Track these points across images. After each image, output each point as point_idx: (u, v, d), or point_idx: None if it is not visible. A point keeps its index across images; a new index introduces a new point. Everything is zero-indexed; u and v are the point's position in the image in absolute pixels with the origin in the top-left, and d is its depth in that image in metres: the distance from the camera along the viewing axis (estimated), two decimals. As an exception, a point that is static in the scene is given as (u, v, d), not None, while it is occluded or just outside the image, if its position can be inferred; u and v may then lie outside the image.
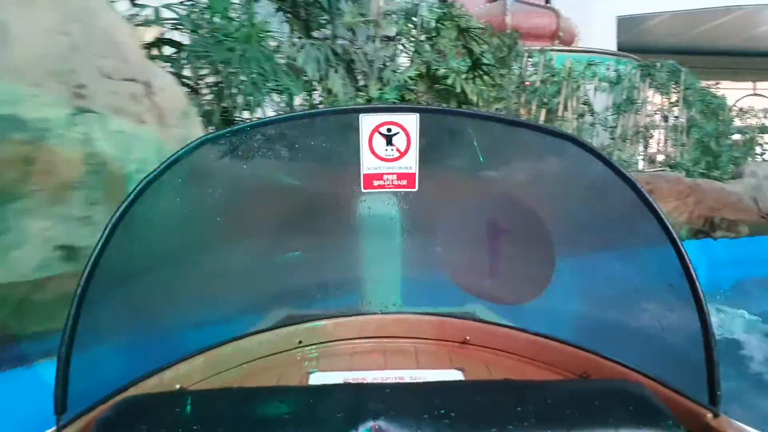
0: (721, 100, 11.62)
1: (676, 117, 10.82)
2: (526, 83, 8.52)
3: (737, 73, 18.60)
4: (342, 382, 1.18)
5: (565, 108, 8.97)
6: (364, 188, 1.33)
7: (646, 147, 10.52)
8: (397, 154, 1.30)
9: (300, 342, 1.38)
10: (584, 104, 9.48)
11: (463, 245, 1.42)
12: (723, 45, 17.29)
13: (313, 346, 1.39)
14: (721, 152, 10.55)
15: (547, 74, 8.94)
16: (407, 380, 1.21)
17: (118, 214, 1.00)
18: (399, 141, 1.28)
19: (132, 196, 1.02)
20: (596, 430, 0.79)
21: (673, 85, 10.68)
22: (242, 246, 1.35)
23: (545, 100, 8.83)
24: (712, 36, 16.37)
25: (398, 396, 0.88)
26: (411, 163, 1.31)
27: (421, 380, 1.20)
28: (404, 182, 1.33)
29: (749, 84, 19.77)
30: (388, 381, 1.20)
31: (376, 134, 1.28)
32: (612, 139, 9.89)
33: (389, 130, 1.27)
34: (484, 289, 1.41)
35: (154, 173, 1.06)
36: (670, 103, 10.91)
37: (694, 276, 0.96)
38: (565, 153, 1.19)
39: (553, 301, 1.33)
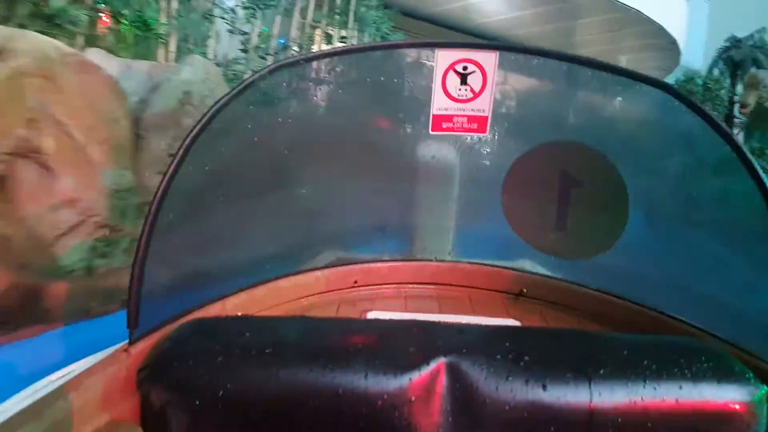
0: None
1: (343, 38, 7.01)
2: None
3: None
4: None
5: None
6: (432, 130, 1.28)
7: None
8: (470, 95, 1.24)
9: (356, 282, 1.37)
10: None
11: (531, 196, 1.38)
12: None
13: (368, 287, 1.39)
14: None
15: None
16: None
17: (190, 137, 0.97)
18: (474, 81, 1.22)
19: (205, 119, 0.99)
20: (674, 383, 0.77)
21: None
22: (307, 181, 1.33)
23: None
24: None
25: (468, 336, 0.87)
26: (485, 105, 1.25)
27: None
28: (475, 125, 1.27)
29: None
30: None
31: (451, 72, 1.22)
32: (244, 51, 6.11)
33: (465, 68, 1.21)
34: (547, 242, 1.37)
35: (228, 97, 1.02)
36: (335, 12, 7.26)
37: None
38: (655, 102, 1.12)
39: (618, 257, 1.29)
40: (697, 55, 16.09)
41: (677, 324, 1.11)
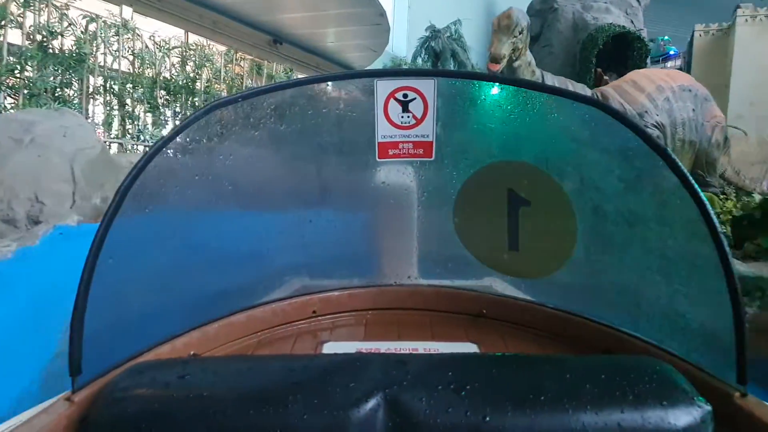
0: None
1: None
2: None
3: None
4: (355, 352, 1.17)
5: None
6: (379, 157, 1.30)
7: None
8: (413, 122, 1.26)
9: (314, 312, 1.37)
10: None
11: (482, 216, 1.38)
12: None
13: (327, 317, 1.39)
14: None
15: None
16: (421, 352, 1.20)
17: (129, 178, 0.98)
18: (415, 107, 1.24)
19: (144, 160, 1.00)
20: (617, 407, 0.76)
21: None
22: (257, 214, 1.33)
23: None
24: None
25: (411, 367, 0.86)
26: (428, 131, 1.26)
27: (435, 352, 1.18)
28: (421, 151, 1.29)
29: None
30: (402, 352, 1.18)
31: (392, 100, 1.23)
32: None
33: (405, 95, 1.23)
34: (502, 262, 1.37)
35: (166, 138, 1.04)
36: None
37: (727, 251, 0.90)
38: (588, 119, 1.13)
39: (574, 275, 1.29)
40: (401, 42, 15.65)
41: (630, 339, 1.10)
